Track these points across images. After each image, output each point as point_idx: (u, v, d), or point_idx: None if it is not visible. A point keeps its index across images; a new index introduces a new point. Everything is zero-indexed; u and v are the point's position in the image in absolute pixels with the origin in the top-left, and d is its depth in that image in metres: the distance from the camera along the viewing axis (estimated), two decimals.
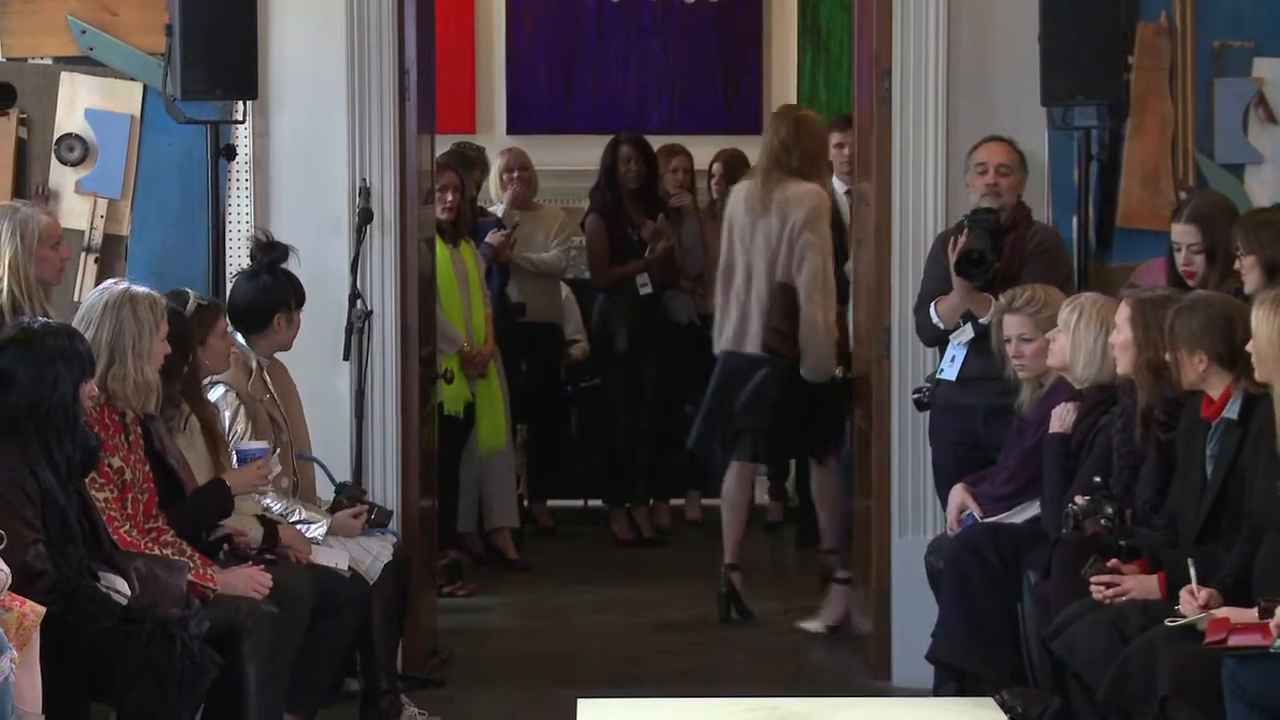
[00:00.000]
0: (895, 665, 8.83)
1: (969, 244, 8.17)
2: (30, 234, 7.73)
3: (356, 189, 8.83)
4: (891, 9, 8.78)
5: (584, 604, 10.20)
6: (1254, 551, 6.49)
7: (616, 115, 12.92)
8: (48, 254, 7.77)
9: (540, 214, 11.77)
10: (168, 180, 8.94)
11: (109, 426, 7.08)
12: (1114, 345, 7.30)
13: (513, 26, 13.81)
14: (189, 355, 7.46)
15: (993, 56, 8.91)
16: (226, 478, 7.45)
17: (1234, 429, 6.78)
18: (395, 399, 8.93)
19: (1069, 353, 7.65)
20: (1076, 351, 7.62)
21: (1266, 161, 9.02)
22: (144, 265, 8.77)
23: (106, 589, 6.57)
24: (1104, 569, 6.98)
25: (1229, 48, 9.02)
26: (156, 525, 7.16)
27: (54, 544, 6.45)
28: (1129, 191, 9.02)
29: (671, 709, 7.14)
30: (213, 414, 7.80)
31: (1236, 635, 6.15)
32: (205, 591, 7.02)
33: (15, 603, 5.98)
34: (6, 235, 7.70)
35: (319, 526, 7.94)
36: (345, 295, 8.77)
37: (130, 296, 7.21)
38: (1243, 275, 7.21)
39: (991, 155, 8.33)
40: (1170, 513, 7.01)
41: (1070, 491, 7.35)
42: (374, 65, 8.86)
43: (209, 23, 8.44)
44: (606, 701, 7.08)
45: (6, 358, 6.70)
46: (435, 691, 8.62)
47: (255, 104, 8.81)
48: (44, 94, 8.92)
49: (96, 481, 6.92)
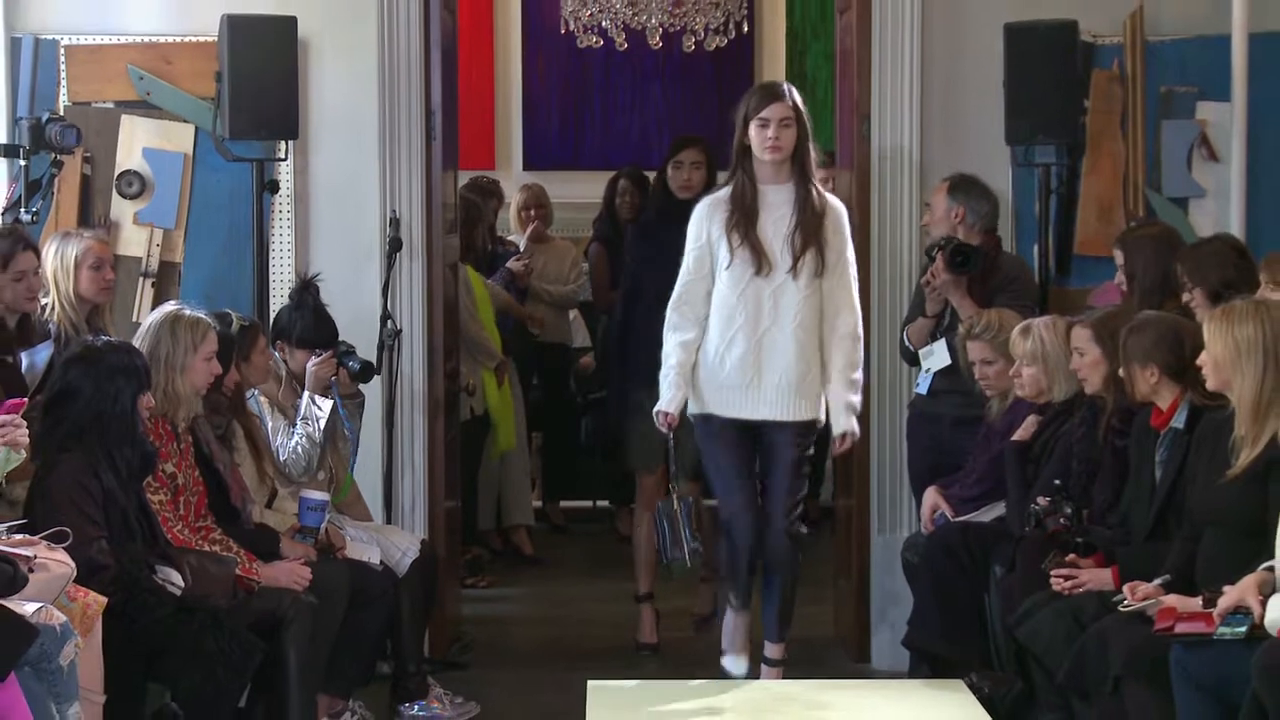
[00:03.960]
0: (874, 651, 8.82)
1: (958, 244, 8.18)
2: (69, 256, 7.76)
3: (387, 219, 8.83)
4: (870, 59, 8.80)
5: (593, 594, 10.18)
6: (1196, 547, 6.49)
7: (622, 153, 12.91)
8: (88, 274, 7.79)
9: (554, 247, 11.74)
10: (217, 212, 8.94)
11: (163, 435, 7.09)
12: (1080, 366, 7.30)
13: (528, 72, 13.83)
14: (228, 368, 7.47)
15: (962, 101, 8.92)
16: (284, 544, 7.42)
17: (1181, 437, 6.78)
18: (422, 410, 8.92)
19: (1043, 381, 7.65)
20: (1053, 378, 7.62)
21: (1208, 195, 9.01)
22: (196, 289, 8.76)
23: (162, 581, 6.58)
24: (1063, 563, 6.98)
25: (1175, 93, 9.03)
26: (205, 524, 7.17)
27: (115, 541, 6.46)
28: (1085, 222, 9.02)
29: (671, 689, 7.15)
30: (256, 424, 7.81)
31: (1182, 623, 6.14)
32: (251, 584, 7.02)
33: (80, 593, 5.98)
34: (50, 255, 7.74)
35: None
36: (377, 315, 8.76)
37: (174, 318, 7.23)
38: (1192, 306, 7.20)
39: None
40: (1123, 512, 7.02)
41: (1032, 493, 7.36)
42: (403, 108, 8.86)
43: (254, 70, 8.46)
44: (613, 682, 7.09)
45: (73, 373, 6.72)
46: (459, 673, 8.61)
47: (296, 143, 8.81)
48: (106, 135, 8.92)
49: (152, 485, 6.93)
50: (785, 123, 7.30)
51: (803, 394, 7.39)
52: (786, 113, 7.31)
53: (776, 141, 7.30)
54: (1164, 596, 6.38)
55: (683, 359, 7.40)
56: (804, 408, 7.42)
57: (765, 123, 7.31)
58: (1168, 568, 6.55)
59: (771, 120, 7.31)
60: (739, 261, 7.33)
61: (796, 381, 7.36)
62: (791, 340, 7.33)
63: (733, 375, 7.37)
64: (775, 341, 7.33)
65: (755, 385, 7.35)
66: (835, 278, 7.39)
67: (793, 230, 7.32)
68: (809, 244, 7.31)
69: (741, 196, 7.35)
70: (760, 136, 7.31)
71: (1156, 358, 6.83)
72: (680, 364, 7.40)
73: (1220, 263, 7.26)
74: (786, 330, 7.33)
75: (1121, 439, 7.11)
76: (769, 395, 7.37)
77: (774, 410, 7.39)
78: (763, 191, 7.36)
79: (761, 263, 7.30)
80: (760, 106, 7.33)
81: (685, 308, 7.43)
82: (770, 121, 7.31)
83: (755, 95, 7.43)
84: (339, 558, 7.65)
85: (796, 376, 7.35)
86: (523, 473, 11.26)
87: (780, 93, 7.37)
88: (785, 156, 7.34)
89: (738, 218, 7.32)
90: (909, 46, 8.85)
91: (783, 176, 7.38)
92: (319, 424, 7.92)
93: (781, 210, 7.35)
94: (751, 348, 7.32)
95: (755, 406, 7.39)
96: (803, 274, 7.32)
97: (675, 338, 7.44)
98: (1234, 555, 6.22)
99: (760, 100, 7.36)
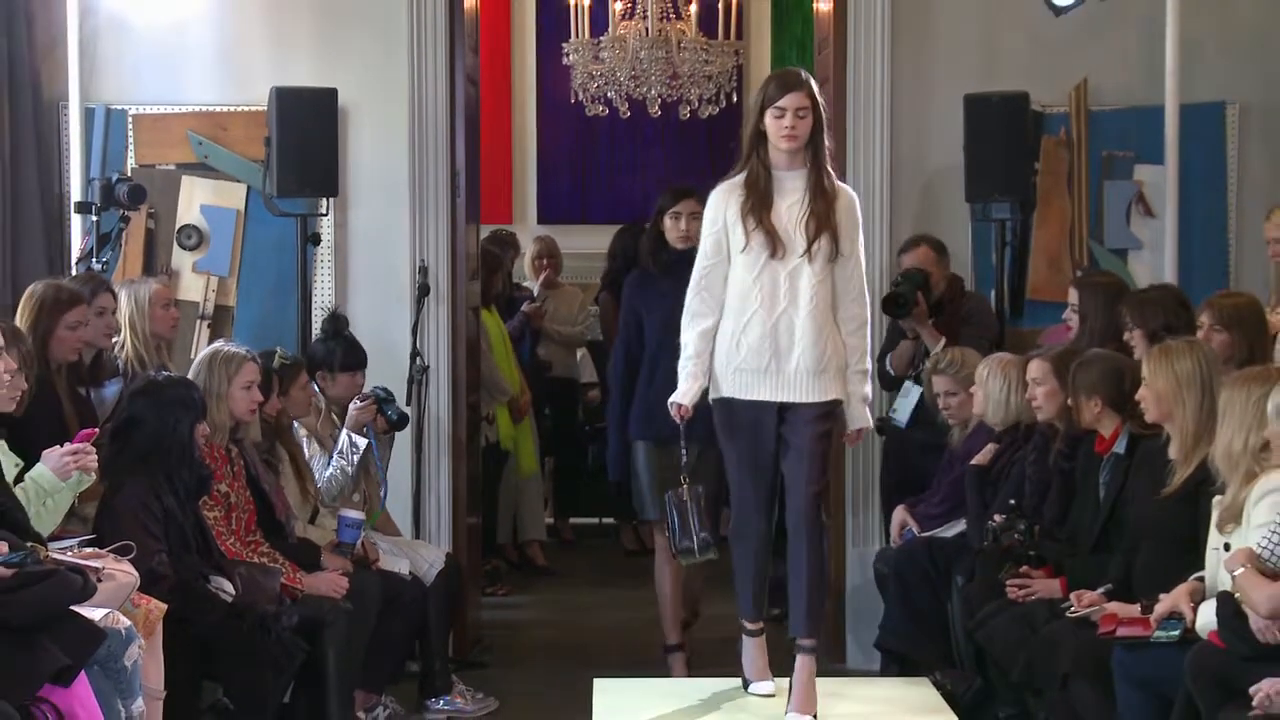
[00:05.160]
0: (849, 651, 8.80)
1: (893, 290, 8.17)
2: (143, 298, 7.78)
3: (417, 268, 8.83)
4: (846, 126, 8.79)
5: (600, 602, 10.17)
6: (1135, 560, 6.49)
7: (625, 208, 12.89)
8: (159, 313, 7.83)
9: (564, 292, 11.75)
10: (266, 261, 8.94)
11: (217, 459, 7.09)
12: (1036, 396, 7.29)
13: (542, 137, 13.84)
14: (267, 397, 7.47)
15: (928, 162, 8.93)
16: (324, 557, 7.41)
17: (1121, 462, 6.78)
18: (447, 437, 8.92)
19: (982, 403, 7.68)
20: (988, 402, 7.65)
21: (1145, 247, 9.02)
22: (246, 329, 8.76)
23: (215, 589, 6.58)
24: (1017, 574, 6.98)
25: (1115, 157, 9.04)
26: (255, 539, 7.17)
27: (174, 553, 6.46)
28: (1036, 270, 9.02)
29: (670, 687, 7.13)
30: (299, 449, 7.82)
31: (1123, 627, 6.14)
32: (294, 592, 7.03)
33: (143, 601, 5.98)
34: (125, 300, 7.74)
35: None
36: (407, 353, 8.77)
37: (213, 354, 7.29)
38: (1132, 344, 7.20)
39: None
40: (1070, 529, 7.01)
41: (990, 511, 7.35)
42: (430, 169, 8.87)
43: (299, 136, 8.47)
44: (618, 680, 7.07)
45: (137, 405, 6.74)
46: (479, 672, 8.58)
47: (336, 200, 8.83)
48: (168, 193, 8.92)
49: (207, 503, 6.94)
50: (801, 112, 6.54)
51: (823, 375, 6.57)
52: (803, 102, 6.53)
53: (793, 131, 6.54)
54: (1106, 604, 6.39)
55: (700, 349, 6.63)
56: (825, 388, 6.59)
57: (782, 112, 6.55)
58: (1110, 578, 6.55)
59: (788, 109, 6.54)
60: (754, 245, 6.55)
61: (815, 362, 6.54)
62: (809, 321, 6.53)
63: (750, 358, 6.56)
64: (793, 323, 6.54)
65: (774, 368, 6.56)
66: (847, 265, 6.62)
67: (806, 215, 6.55)
68: (823, 229, 6.53)
69: (756, 181, 6.58)
70: (776, 125, 6.55)
71: (1101, 390, 6.84)
72: (698, 354, 6.63)
73: (1164, 309, 7.25)
74: (803, 312, 6.54)
75: (1069, 463, 7.11)
76: (789, 377, 6.55)
77: (794, 392, 6.56)
78: (777, 178, 6.59)
79: (776, 246, 6.53)
80: (778, 95, 6.56)
81: (705, 293, 6.65)
82: (786, 111, 6.54)
83: (773, 83, 6.66)
84: (373, 569, 7.65)
85: (815, 357, 6.54)
86: (536, 493, 11.25)
87: (797, 82, 6.60)
88: (801, 145, 6.57)
89: (753, 202, 6.56)
90: (879, 116, 8.86)
91: (797, 163, 6.60)
92: (354, 459, 7.92)
93: (795, 196, 6.58)
94: (768, 330, 6.54)
95: (775, 389, 6.57)
96: (817, 258, 6.53)
97: (695, 327, 6.66)
98: (1168, 567, 6.22)
99: (778, 88, 6.59)
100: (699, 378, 6.63)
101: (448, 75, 8.86)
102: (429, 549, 8.27)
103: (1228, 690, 5.50)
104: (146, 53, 8.93)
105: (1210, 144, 9.01)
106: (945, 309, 8.41)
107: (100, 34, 8.89)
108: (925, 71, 8.94)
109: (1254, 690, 5.24)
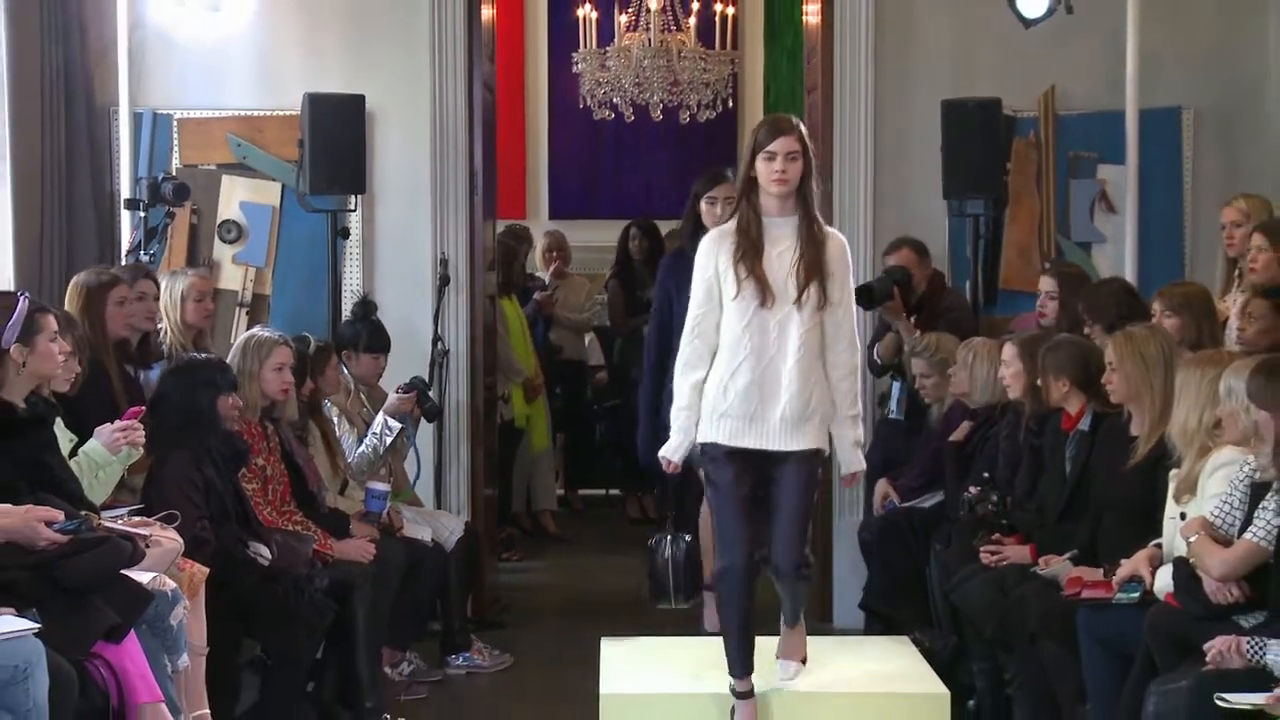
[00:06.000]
0: (836, 612, 8.81)
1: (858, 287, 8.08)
2: (177, 291, 7.79)
3: (438, 260, 8.84)
4: (833, 131, 8.82)
5: (607, 567, 10.16)
6: (1098, 528, 6.49)
7: (630, 205, 12.91)
8: (192, 305, 7.83)
9: (573, 282, 11.75)
10: (299, 254, 8.93)
11: (254, 436, 7.10)
12: (1005, 376, 7.30)
13: (553, 139, 13.82)
14: (303, 380, 7.48)
15: (909, 162, 8.92)
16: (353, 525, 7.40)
17: (1086, 438, 6.78)
18: (466, 415, 8.93)
19: (968, 383, 7.67)
20: (974, 383, 7.64)
21: (1108, 241, 9.00)
22: (281, 316, 8.77)
23: (253, 555, 6.59)
24: (990, 541, 6.98)
25: (1080, 157, 9.02)
26: (289, 508, 7.18)
27: (215, 521, 6.47)
28: (1008, 262, 9.01)
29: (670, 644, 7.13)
30: (330, 428, 7.82)
31: (1087, 590, 6.15)
32: (325, 557, 7.04)
33: (187, 565, 6.00)
34: (165, 290, 7.75)
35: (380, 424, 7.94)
36: (429, 338, 8.78)
37: (247, 339, 7.32)
38: (1093, 337, 7.20)
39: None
40: (1039, 500, 7.00)
41: (965, 484, 7.35)
42: (450, 168, 8.88)
43: (330, 138, 8.47)
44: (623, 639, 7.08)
45: (166, 383, 6.80)
46: (496, 631, 8.60)
47: (364, 198, 8.83)
48: (210, 191, 8.93)
49: (245, 476, 6.94)
50: (791, 156, 6.08)
51: (807, 424, 6.09)
52: (793, 146, 6.08)
53: (783, 175, 6.07)
54: (1072, 568, 6.39)
55: (692, 400, 6.15)
56: (809, 438, 6.11)
57: (772, 156, 6.10)
58: (1075, 545, 6.55)
59: (778, 153, 6.08)
60: (745, 294, 6.07)
61: (801, 411, 6.06)
62: (796, 370, 6.04)
63: (737, 405, 6.07)
64: (780, 372, 6.05)
65: (760, 416, 6.07)
66: (837, 312, 6.13)
67: (796, 263, 6.07)
68: (812, 277, 6.06)
69: (747, 229, 6.11)
70: (767, 169, 6.09)
71: (1068, 372, 6.83)
72: (690, 406, 6.15)
73: (1116, 302, 7.25)
74: (791, 361, 6.05)
75: (1038, 439, 7.11)
76: (774, 426, 6.07)
77: (779, 441, 6.08)
78: (767, 224, 6.12)
79: (766, 295, 6.05)
80: (768, 139, 6.12)
81: (698, 340, 6.15)
82: (777, 155, 6.08)
83: (763, 128, 6.22)
84: (398, 536, 7.66)
85: (800, 406, 6.06)
86: (548, 466, 11.27)
87: (787, 126, 6.15)
88: (791, 190, 6.09)
89: (744, 250, 6.09)
90: (864, 120, 8.87)
91: (787, 209, 6.12)
92: (386, 440, 7.91)
93: (785, 244, 6.10)
94: (756, 378, 6.05)
95: (760, 437, 6.08)
96: (807, 306, 6.05)
97: (688, 377, 6.18)
98: (1129, 535, 6.22)
99: (768, 133, 6.15)
100: (689, 432, 6.17)
101: (466, 82, 8.86)
102: (449, 518, 8.29)
103: (1183, 647, 5.50)
104: (190, 62, 8.93)
105: (1167, 146, 8.99)
106: (925, 305, 8.42)
107: (148, 44, 8.89)
108: (906, 79, 8.94)
109: (1207, 647, 5.25)
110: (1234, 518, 5.61)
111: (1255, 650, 5.12)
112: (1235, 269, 7.48)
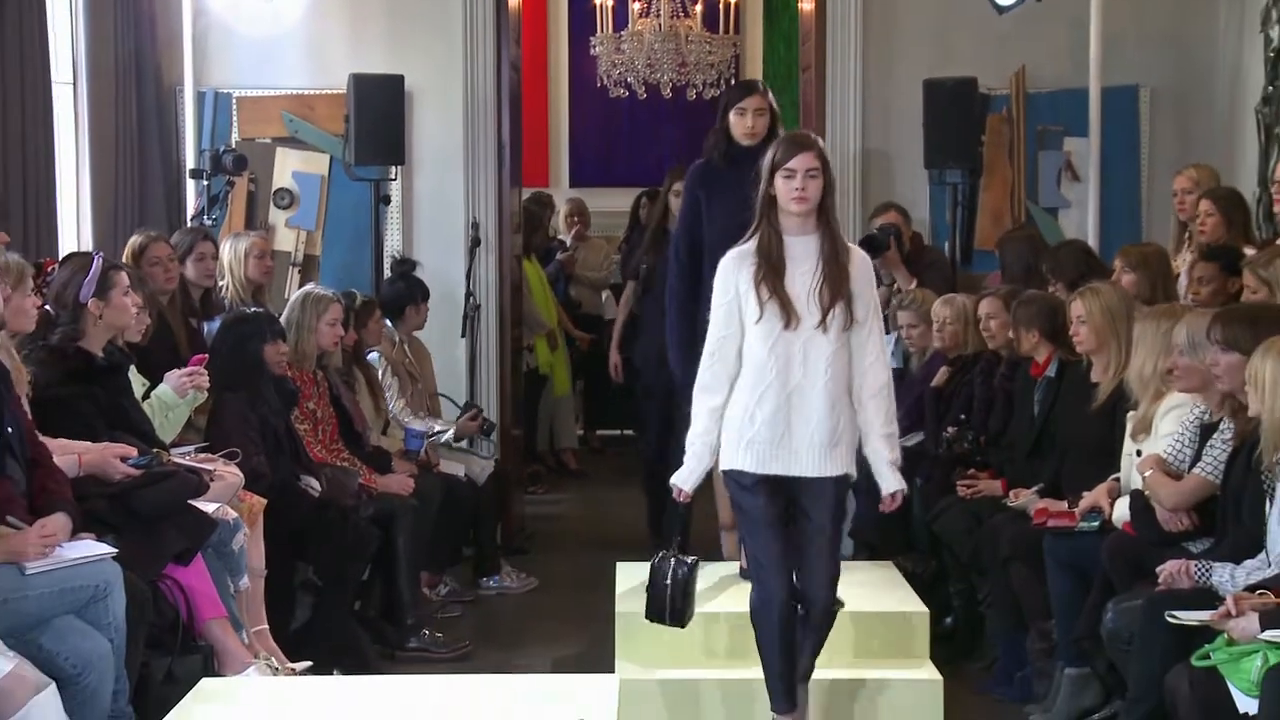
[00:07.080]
0: None
1: (864, 236, 8.04)
2: (240, 249, 7.79)
3: (470, 224, 8.85)
4: (825, 107, 8.83)
5: (622, 499, 10.10)
6: (1062, 464, 6.50)
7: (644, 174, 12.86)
8: (254, 262, 7.80)
9: (592, 244, 11.73)
10: (346, 218, 8.96)
11: (305, 381, 7.12)
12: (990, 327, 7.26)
13: (574, 114, 13.77)
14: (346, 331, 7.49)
15: (895, 135, 8.93)
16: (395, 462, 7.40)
17: (1052, 384, 6.77)
18: (495, 363, 8.95)
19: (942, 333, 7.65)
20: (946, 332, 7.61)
21: (1072, 206, 9.02)
22: (330, 274, 8.80)
23: (305, 487, 6.62)
24: (966, 476, 6.99)
25: (1048, 130, 9.02)
26: (337, 446, 7.19)
27: (271, 457, 6.49)
28: (983, 226, 9.01)
29: None
30: (374, 374, 7.84)
31: (1053, 519, 6.15)
32: (370, 490, 7.05)
33: (246, 496, 6.03)
34: (226, 249, 7.75)
35: (448, 433, 7.98)
36: (462, 294, 8.79)
37: (305, 295, 7.29)
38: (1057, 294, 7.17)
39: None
40: (1010, 439, 7.01)
41: (944, 424, 7.35)
42: (481, 140, 8.89)
43: (373, 114, 8.49)
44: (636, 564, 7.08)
45: (219, 334, 6.80)
46: (522, 557, 8.62)
47: (404, 168, 8.84)
48: (265, 162, 8.95)
49: (298, 418, 6.96)
50: (811, 173, 5.29)
51: (835, 449, 5.37)
52: (813, 163, 5.29)
53: (803, 193, 5.28)
54: (1039, 500, 6.40)
55: (709, 427, 5.38)
56: (836, 463, 5.39)
57: (792, 173, 5.30)
58: (1042, 479, 6.55)
59: (798, 171, 5.29)
60: (768, 316, 5.28)
61: (828, 437, 5.33)
62: (823, 395, 5.30)
63: (763, 431, 5.32)
64: (806, 397, 5.30)
65: (786, 442, 5.33)
66: (865, 331, 5.35)
67: (819, 284, 5.29)
68: (836, 297, 5.28)
69: (768, 250, 5.31)
70: (786, 187, 5.29)
71: (1038, 323, 6.82)
72: (706, 431, 5.38)
73: (1075, 262, 7.24)
74: (818, 385, 5.30)
75: (1009, 384, 7.11)
76: (801, 452, 5.34)
77: (806, 467, 5.35)
78: (788, 244, 5.32)
79: (790, 317, 5.27)
80: (787, 157, 5.31)
81: (718, 366, 5.36)
82: (796, 172, 5.29)
83: (782, 146, 5.39)
84: (435, 472, 7.68)
85: (828, 431, 5.33)
86: (569, 409, 11.26)
87: (807, 143, 5.37)
88: (811, 208, 5.31)
89: (765, 271, 5.29)
90: (853, 97, 8.87)
91: (808, 228, 5.33)
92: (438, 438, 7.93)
93: (807, 264, 5.31)
94: (782, 404, 5.30)
95: (787, 463, 5.34)
96: (832, 327, 5.29)
97: (705, 403, 5.39)
98: (1090, 470, 6.22)
99: (786, 151, 5.33)
100: (705, 460, 5.41)
101: (495, 64, 8.85)
102: (480, 457, 8.30)
103: (1138, 570, 5.51)
104: (248, 46, 8.94)
105: (1126, 121, 8.99)
106: (911, 261, 8.41)
107: (210, 30, 8.91)
108: (891, 60, 8.93)
109: (1159, 570, 5.26)
110: (1185, 455, 5.62)
111: (1202, 573, 5.13)
112: (1186, 231, 7.49)
